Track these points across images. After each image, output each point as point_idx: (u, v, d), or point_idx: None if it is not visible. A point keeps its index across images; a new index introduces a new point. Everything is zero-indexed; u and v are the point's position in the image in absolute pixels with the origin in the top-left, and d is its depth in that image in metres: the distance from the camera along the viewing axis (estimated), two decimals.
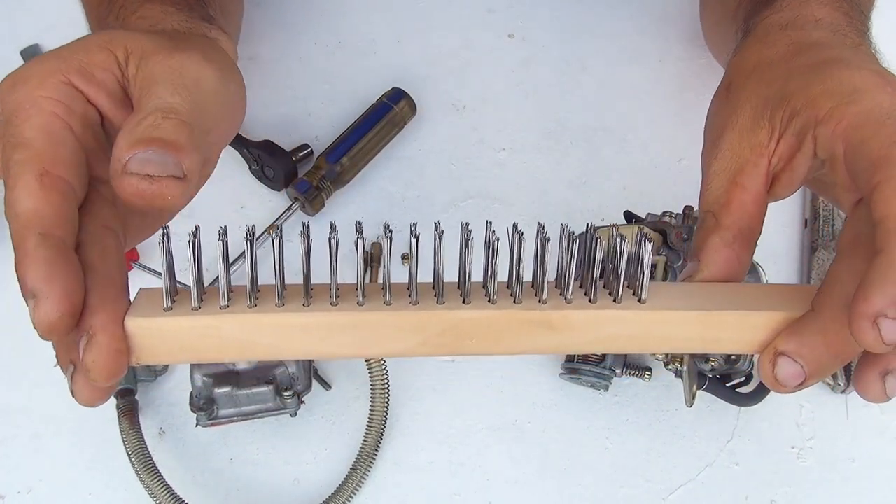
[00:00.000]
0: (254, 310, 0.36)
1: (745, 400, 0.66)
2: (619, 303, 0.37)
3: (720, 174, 0.41)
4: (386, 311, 0.37)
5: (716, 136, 0.43)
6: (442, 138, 0.76)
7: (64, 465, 0.64)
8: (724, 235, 0.40)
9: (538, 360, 0.69)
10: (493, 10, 0.83)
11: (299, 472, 0.65)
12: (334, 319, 0.36)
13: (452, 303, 0.37)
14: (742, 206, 0.40)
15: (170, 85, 0.37)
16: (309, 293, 0.37)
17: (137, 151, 0.34)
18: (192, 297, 0.35)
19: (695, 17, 0.79)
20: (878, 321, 0.33)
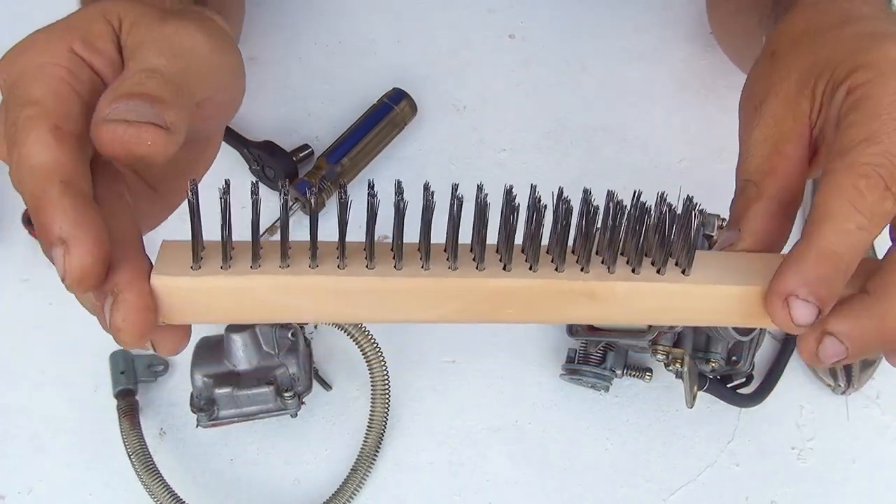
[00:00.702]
0: (286, 271, 0.34)
1: (745, 401, 0.66)
2: (664, 274, 0.36)
3: (762, 142, 0.40)
4: (424, 276, 0.35)
5: (757, 102, 0.42)
6: (442, 139, 0.76)
7: (64, 466, 0.64)
8: (768, 205, 0.39)
9: (538, 361, 0.69)
10: (493, 10, 0.83)
11: (300, 472, 0.65)
12: (371, 284, 0.34)
13: (493, 269, 0.35)
14: (786, 176, 0.39)
15: (156, 48, 0.36)
16: (344, 255, 0.35)
17: (119, 104, 0.33)
18: (222, 255, 0.33)
19: (695, 18, 0.79)
20: (789, 300, 0.34)
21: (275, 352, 0.61)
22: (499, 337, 0.69)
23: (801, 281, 0.34)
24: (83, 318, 0.67)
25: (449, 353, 0.69)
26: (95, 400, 0.65)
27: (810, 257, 0.34)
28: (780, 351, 0.69)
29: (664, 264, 0.36)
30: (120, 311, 0.32)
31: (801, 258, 0.35)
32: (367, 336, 0.62)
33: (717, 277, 0.36)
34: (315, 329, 0.68)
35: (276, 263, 0.34)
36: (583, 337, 0.64)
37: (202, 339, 0.63)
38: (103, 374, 0.65)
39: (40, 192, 0.32)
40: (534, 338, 0.69)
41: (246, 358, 0.61)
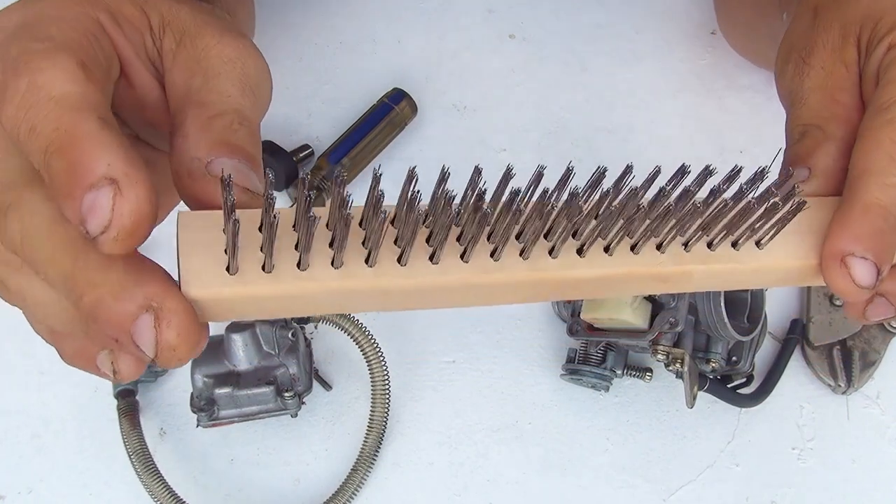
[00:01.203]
0: (341, 272, 0.29)
1: (745, 401, 0.66)
2: (739, 251, 0.34)
3: (816, 90, 0.39)
4: (497, 271, 0.31)
5: (804, 54, 0.41)
6: (442, 139, 0.76)
7: (64, 466, 0.64)
8: (838, 145, 0.38)
9: (539, 361, 0.69)
10: (494, 10, 0.83)
11: (300, 472, 0.65)
12: (440, 281, 0.31)
13: (567, 258, 0.32)
14: (848, 121, 0.38)
15: (238, 83, 0.32)
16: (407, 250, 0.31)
17: (221, 155, 0.29)
18: (266, 259, 0.28)
19: (695, 18, 0.79)
20: (846, 260, 0.33)
21: (275, 352, 0.61)
22: (499, 337, 0.69)
23: (853, 238, 0.33)
24: None
25: (449, 353, 0.69)
26: (95, 400, 0.65)
27: (856, 212, 0.33)
28: (780, 351, 0.69)
29: (742, 240, 0.34)
30: (172, 327, 0.27)
31: (848, 216, 0.34)
32: (367, 336, 0.62)
33: (791, 252, 0.34)
34: (315, 329, 0.68)
35: (326, 261, 0.29)
36: (583, 337, 0.64)
37: None
38: None
39: (71, 124, 0.26)
40: (534, 338, 0.69)
41: (246, 358, 0.61)
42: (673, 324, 0.59)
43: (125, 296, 0.26)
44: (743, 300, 0.63)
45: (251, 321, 0.61)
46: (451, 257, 0.31)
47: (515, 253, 0.32)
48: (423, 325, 0.70)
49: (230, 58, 0.33)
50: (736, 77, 0.81)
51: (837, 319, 0.70)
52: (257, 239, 0.29)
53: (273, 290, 0.29)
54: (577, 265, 0.32)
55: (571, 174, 0.32)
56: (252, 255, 0.29)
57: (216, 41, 0.33)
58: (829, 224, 0.34)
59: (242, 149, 0.30)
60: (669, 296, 0.59)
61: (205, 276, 0.28)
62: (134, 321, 0.26)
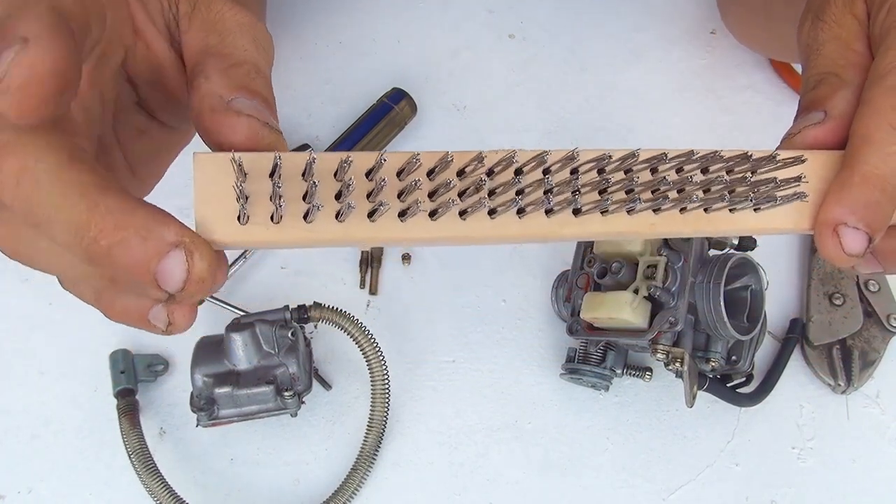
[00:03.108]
0: (344, 226, 0.30)
1: (745, 400, 0.66)
2: (734, 214, 0.35)
3: (831, 41, 0.40)
4: (496, 228, 0.32)
5: (818, 12, 0.41)
6: (442, 138, 0.76)
7: (64, 465, 0.64)
8: (855, 90, 0.38)
9: (539, 361, 0.69)
10: (493, 10, 0.83)
11: (300, 472, 0.65)
12: (437, 235, 0.31)
13: (564, 217, 0.33)
14: (864, 67, 0.38)
15: (252, 41, 0.33)
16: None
17: (241, 96, 0.30)
18: (275, 210, 0.29)
19: (695, 17, 0.79)
20: (838, 230, 0.33)
21: (275, 351, 0.61)
22: (499, 337, 0.69)
23: (848, 208, 0.33)
24: (83, 319, 0.67)
25: (449, 353, 0.69)
26: (95, 400, 0.65)
27: (854, 183, 0.33)
28: (779, 350, 0.69)
29: (737, 204, 0.34)
30: (204, 258, 0.28)
31: (844, 185, 0.34)
32: (367, 336, 0.62)
33: (787, 211, 0.35)
34: (315, 329, 0.68)
35: (331, 214, 0.30)
36: (583, 336, 0.64)
37: (202, 338, 0.63)
38: (103, 373, 0.65)
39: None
40: (534, 337, 0.69)
41: (246, 357, 0.61)
42: (672, 323, 0.59)
43: (155, 235, 0.27)
44: (743, 299, 0.63)
45: (250, 321, 0.61)
46: (452, 216, 0.32)
47: (484, 216, 0.32)
48: (423, 324, 0.70)
49: (242, 22, 0.34)
50: (736, 77, 0.81)
51: (837, 319, 0.70)
52: (269, 186, 0.29)
53: (278, 240, 0.30)
54: (571, 223, 0.33)
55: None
56: (262, 203, 0.29)
57: (228, 8, 0.34)
58: (827, 189, 0.34)
59: (260, 93, 0.31)
60: (669, 295, 0.59)
61: (217, 225, 0.29)
62: (162, 259, 0.27)
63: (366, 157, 0.30)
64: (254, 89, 0.31)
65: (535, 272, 0.72)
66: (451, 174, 0.32)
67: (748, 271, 0.62)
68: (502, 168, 0.32)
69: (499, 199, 0.32)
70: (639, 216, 0.33)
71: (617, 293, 0.60)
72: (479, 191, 0.32)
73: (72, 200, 0.27)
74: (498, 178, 0.32)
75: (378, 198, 0.30)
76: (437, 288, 0.71)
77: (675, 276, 0.59)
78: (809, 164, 0.35)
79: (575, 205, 0.32)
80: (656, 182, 0.33)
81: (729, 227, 0.34)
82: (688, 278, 0.59)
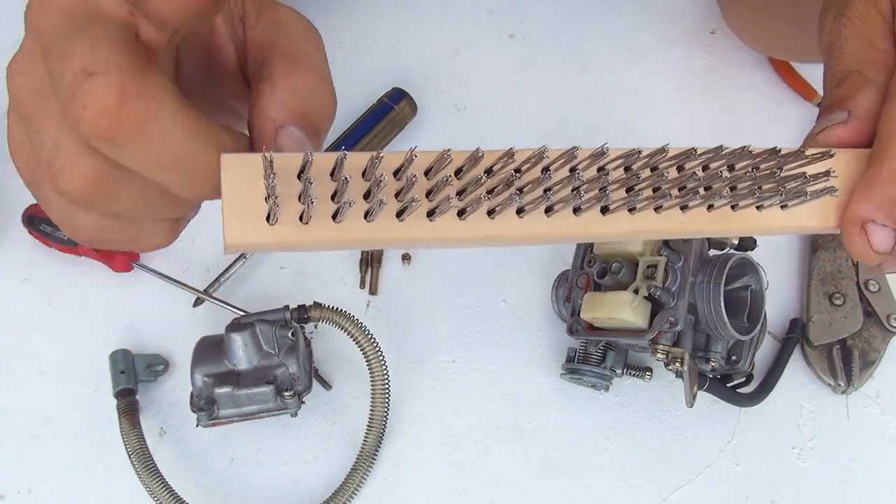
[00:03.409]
0: (373, 226, 0.30)
1: (745, 400, 0.66)
2: (762, 212, 0.34)
3: (854, 38, 0.39)
4: (524, 227, 0.32)
5: (841, 8, 0.41)
6: (442, 138, 0.76)
7: (64, 465, 0.64)
8: (879, 89, 0.37)
9: (539, 361, 0.69)
10: (493, 10, 0.83)
11: (300, 472, 0.65)
12: (463, 235, 0.31)
13: (593, 214, 0.33)
14: (888, 65, 0.38)
15: (318, 50, 0.35)
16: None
17: (295, 124, 0.31)
18: (304, 210, 0.29)
19: (695, 17, 0.79)
20: (866, 227, 0.33)
21: (275, 351, 0.61)
22: (499, 337, 0.69)
23: (876, 205, 0.33)
24: (83, 319, 0.68)
25: (449, 353, 0.69)
26: (95, 400, 0.65)
27: (882, 180, 0.33)
28: (779, 350, 0.69)
29: (766, 200, 0.34)
30: None
31: (871, 182, 0.34)
32: (367, 336, 0.62)
33: (813, 208, 0.34)
34: (315, 329, 0.68)
35: (360, 213, 0.30)
36: (583, 336, 0.64)
37: (202, 338, 0.63)
38: (103, 373, 0.65)
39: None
40: (534, 337, 0.69)
41: (246, 357, 0.61)
42: (672, 323, 0.59)
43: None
44: (743, 299, 0.63)
45: (251, 321, 0.61)
46: (481, 215, 0.32)
47: (513, 214, 0.32)
48: (423, 324, 0.70)
49: (307, 27, 0.35)
50: (736, 77, 0.81)
51: (837, 319, 0.70)
52: (298, 186, 0.29)
53: (307, 240, 0.29)
54: (601, 223, 0.33)
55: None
56: (291, 203, 0.29)
57: (290, 13, 0.35)
58: (854, 187, 0.34)
59: (314, 123, 0.32)
60: (669, 295, 0.59)
61: (246, 225, 0.29)
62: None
63: (395, 156, 0.30)
64: (310, 117, 0.32)
65: (535, 272, 0.72)
66: (480, 171, 0.31)
67: (748, 271, 0.62)
68: (530, 165, 0.32)
69: (527, 197, 0.31)
70: (667, 214, 0.33)
71: (617, 293, 0.60)
72: (508, 188, 0.31)
73: (204, 144, 0.28)
74: (525, 177, 0.32)
75: (408, 195, 0.30)
76: (437, 288, 0.71)
77: (675, 276, 0.59)
78: (836, 162, 0.35)
79: (604, 202, 0.32)
80: (684, 179, 0.33)
81: (756, 225, 0.34)
82: (688, 278, 0.59)
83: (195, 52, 0.34)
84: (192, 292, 0.68)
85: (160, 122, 0.26)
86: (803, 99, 0.80)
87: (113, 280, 0.68)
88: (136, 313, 0.68)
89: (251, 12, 0.34)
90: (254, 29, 0.34)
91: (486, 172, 0.32)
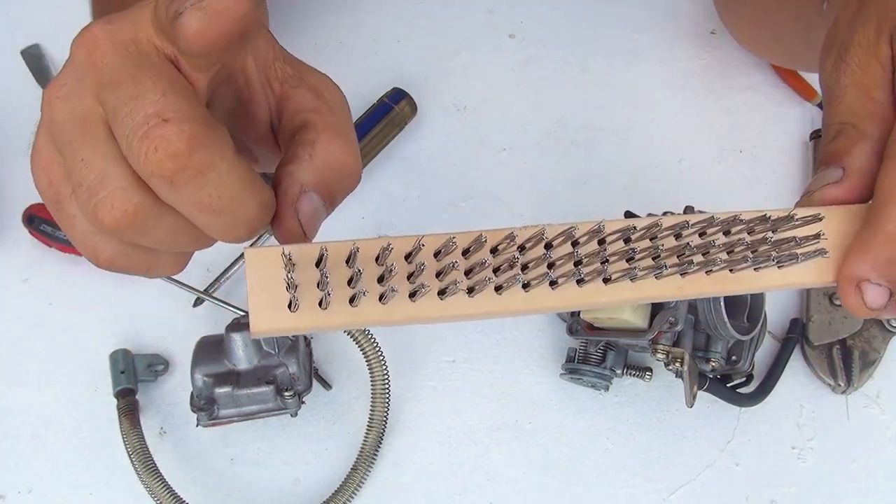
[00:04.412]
0: (387, 307, 0.32)
1: (745, 400, 0.66)
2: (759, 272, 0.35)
3: (852, 87, 0.39)
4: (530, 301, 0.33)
5: (842, 50, 0.40)
6: (442, 138, 0.76)
7: (64, 465, 0.64)
8: (873, 145, 0.38)
9: (539, 361, 0.69)
10: (493, 10, 0.83)
11: (300, 472, 0.65)
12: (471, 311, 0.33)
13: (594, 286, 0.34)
14: (884, 120, 0.38)
15: (349, 122, 0.36)
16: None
17: (319, 192, 0.33)
18: (323, 297, 0.31)
19: (695, 17, 0.79)
20: (861, 286, 0.34)
21: (275, 351, 0.61)
22: (499, 336, 0.69)
23: (871, 266, 0.34)
24: (83, 319, 0.68)
25: (449, 353, 0.69)
26: (95, 400, 0.65)
27: (878, 241, 0.34)
28: (779, 350, 0.69)
29: (761, 263, 0.35)
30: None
31: (868, 243, 0.35)
32: (367, 336, 0.62)
33: (810, 266, 0.36)
34: None
35: (375, 296, 0.32)
36: (583, 336, 0.64)
37: (202, 338, 0.63)
38: (103, 373, 0.65)
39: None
40: (534, 337, 0.69)
41: (246, 357, 0.61)
42: (672, 323, 0.59)
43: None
44: (743, 299, 0.63)
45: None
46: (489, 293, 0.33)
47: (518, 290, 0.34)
48: (423, 324, 0.69)
49: (342, 99, 0.36)
50: (736, 77, 0.81)
51: (837, 319, 0.70)
52: (316, 273, 0.31)
53: (327, 325, 0.32)
54: (603, 293, 0.34)
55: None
56: (310, 290, 0.32)
57: (329, 82, 0.37)
58: (851, 245, 0.35)
59: (334, 195, 0.34)
60: None
61: (270, 314, 0.31)
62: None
63: (405, 241, 0.32)
64: (333, 190, 0.34)
65: None
66: (485, 254, 0.33)
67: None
68: (533, 244, 0.33)
69: (531, 273, 0.33)
70: (667, 280, 0.34)
71: None
72: (512, 267, 0.33)
73: (249, 194, 0.30)
74: (528, 254, 0.33)
75: (419, 280, 0.32)
76: None
77: None
78: (830, 219, 0.36)
79: (604, 274, 0.33)
80: (681, 247, 0.34)
81: (754, 284, 0.36)
82: None
83: (228, 95, 0.36)
84: (192, 292, 0.68)
85: (218, 171, 0.29)
86: (803, 99, 0.80)
87: (113, 280, 0.68)
88: (136, 313, 0.68)
89: (293, 75, 0.36)
90: (295, 89, 0.36)
91: (492, 252, 0.33)
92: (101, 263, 0.33)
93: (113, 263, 0.34)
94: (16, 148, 0.73)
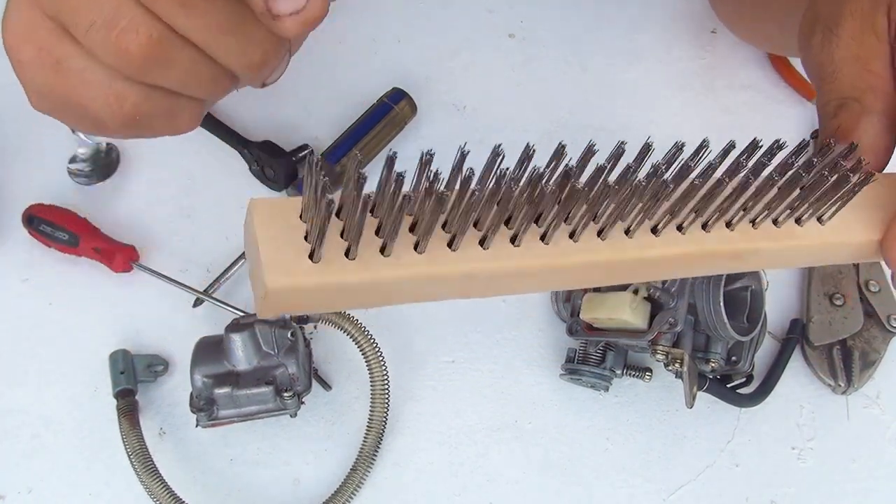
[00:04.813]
0: (426, 257, 0.29)
1: (745, 401, 0.66)
2: (803, 226, 0.34)
3: (848, 61, 0.38)
4: (578, 253, 0.31)
5: (830, 24, 0.39)
6: (442, 139, 0.76)
7: (64, 465, 0.64)
8: (880, 118, 0.37)
9: (539, 361, 0.69)
10: (493, 10, 0.83)
11: (299, 472, 0.65)
12: (522, 265, 0.30)
13: (643, 238, 0.32)
14: (885, 93, 0.38)
15: None
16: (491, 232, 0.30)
17: None
18: (351, 245, 0.27)
19: (695, 17, 0.79)
20: None
21: (274, 352, 0.61)
22: (499, 337, 0.69)
23: None
24: (83, 319, 0.68)
25: (449, 353, 0.69)
26: (95, 400, 0.65)
27: None
28: (779, 351, 0.69)
29: (804, 215, 0.34)
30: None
31: None
32: (367, 336, 0.62)
33: (852, 227, 0.35)
34: (315, 329, 0.68)
35: (409, 247, 0.28)
36: (582, 337, 0.64)
37: (202, 338, 0.63)
38: (103, 374, 0.65)
39: None
40: (534, 338, 0.69)
41: (245, 358, 0.61)
42: (672, 324, 0.59)
43: None
44: (743, 300, 0.63)
45: (250, 322, 0.61)
46: (532, 239, 0.31)
47: (593, 235, 0.32)
48: (423, 325, 0.70)
49: None
50: (736, 76, 0.81)
51: (837, 319, 0.70)
52: (335, 225, 0.27)
53: (360, 278, 0.27)
54: (654, 245, 0.32)
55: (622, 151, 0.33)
56: (332, 242, 0.27)
57: None
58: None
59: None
60: (668, 296, 0.59)
61: (289, 265, 0.26)
62: None
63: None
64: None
65: None
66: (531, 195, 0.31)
67: (748, 272, 0.62)
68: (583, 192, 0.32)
69: (575, 221, 0.31)
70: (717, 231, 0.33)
71: (617, 294, 0.60)
72: (556, 207, 0.31)
73: (251, 16, 0.30)
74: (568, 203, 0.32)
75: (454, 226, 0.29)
76: None
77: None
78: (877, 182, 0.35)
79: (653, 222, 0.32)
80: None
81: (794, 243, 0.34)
82: (687, 279, 0.59)
83: None
84: (191, 293, 0.68)
85: None
86: (803, 98, 0.79)
87: (113, 280, 0.68)
88: (136, 313, 0.68)
89: None
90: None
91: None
92: (127, 110, 0.32)
93: (138, 108, 0.33)
94: (16, 148, 0.73)
